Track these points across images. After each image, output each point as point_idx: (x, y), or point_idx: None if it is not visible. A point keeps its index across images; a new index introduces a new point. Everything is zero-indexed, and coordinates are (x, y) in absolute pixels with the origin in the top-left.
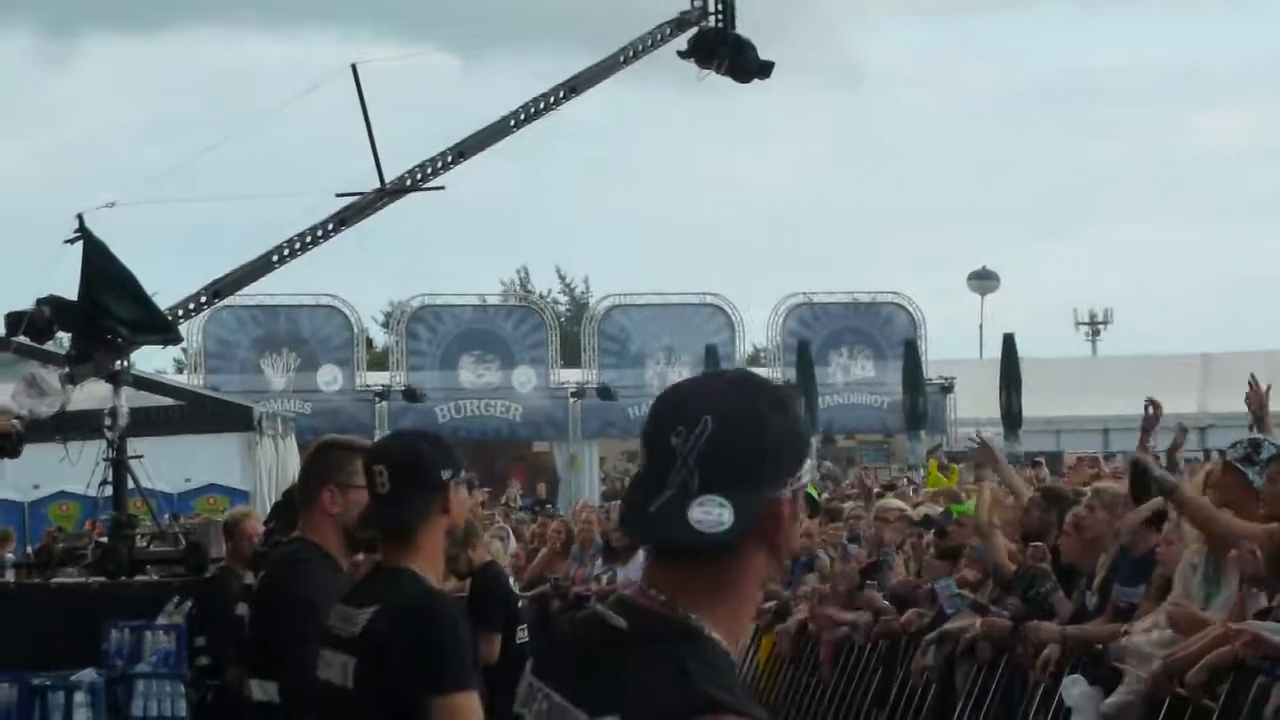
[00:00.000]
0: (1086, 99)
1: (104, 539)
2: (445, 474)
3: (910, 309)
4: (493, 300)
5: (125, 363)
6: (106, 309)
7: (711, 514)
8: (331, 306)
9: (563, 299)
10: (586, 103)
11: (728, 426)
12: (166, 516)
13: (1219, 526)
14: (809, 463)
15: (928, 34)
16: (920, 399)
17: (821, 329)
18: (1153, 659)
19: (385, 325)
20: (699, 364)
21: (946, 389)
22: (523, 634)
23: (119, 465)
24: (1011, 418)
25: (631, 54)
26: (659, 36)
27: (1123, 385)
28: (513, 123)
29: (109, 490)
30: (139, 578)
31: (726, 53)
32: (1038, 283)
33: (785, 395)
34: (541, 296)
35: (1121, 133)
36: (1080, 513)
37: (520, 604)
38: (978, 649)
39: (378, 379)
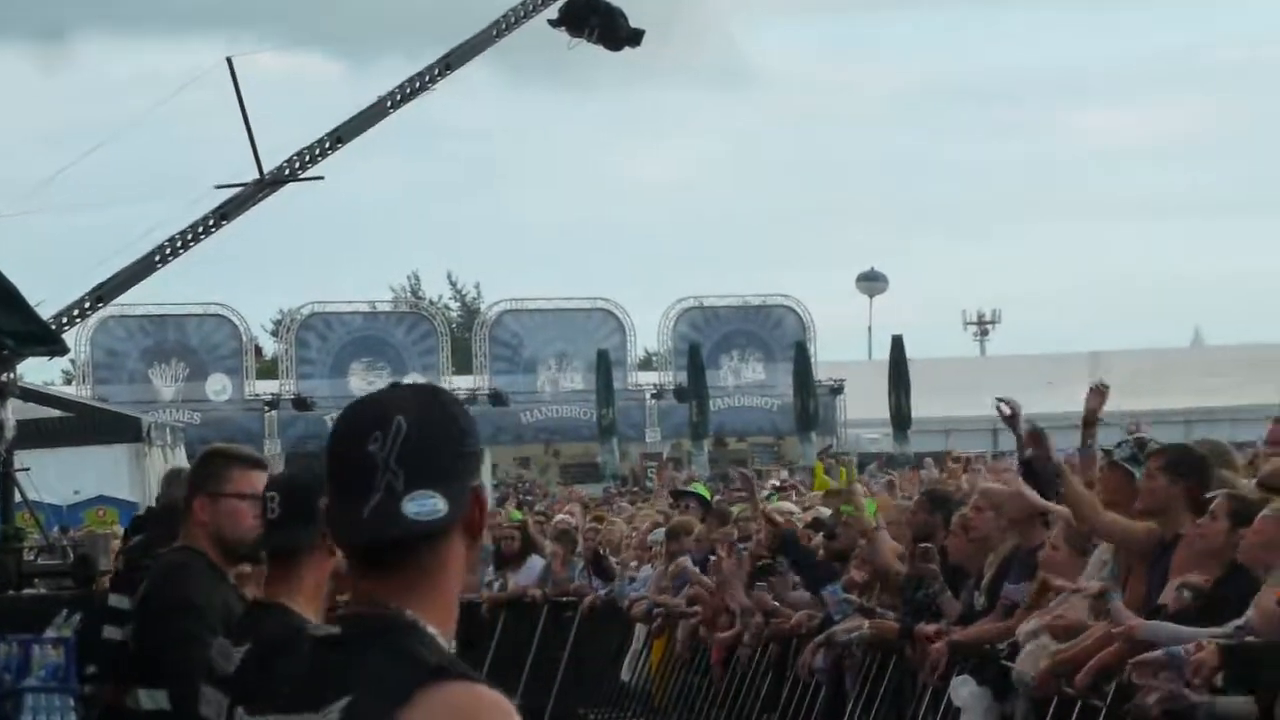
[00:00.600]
0: (973, 100)
1: None
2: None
3: (800, 311)
4: (383, 307)
5: (11, 375)
6: None
7: (426, 505)
8: (220, 315)
9: (454, 305)
10: (476, 105)
11: (421, 425)
12: (55, 529)
13: (1102, 522)
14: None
15: (816, 34)
16: (810, 401)
17: (712, 332)
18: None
19: (275, 334)
20: (590, 369)
21: (836, 391)
22: None
23: (5, 478)
24: (901, 418)
25: (504, 26)
26: (531, 7)
27: (1011, 384)
28: (389, 104)
29: None
30: (27, 591)
31: (597, 21)
32: (927, 284)
33: (456, 397)
34: (432, 303)
35: (1010, 134)
36: (968, 514)
37: None
38: (863, 652)
39: (267, 388)
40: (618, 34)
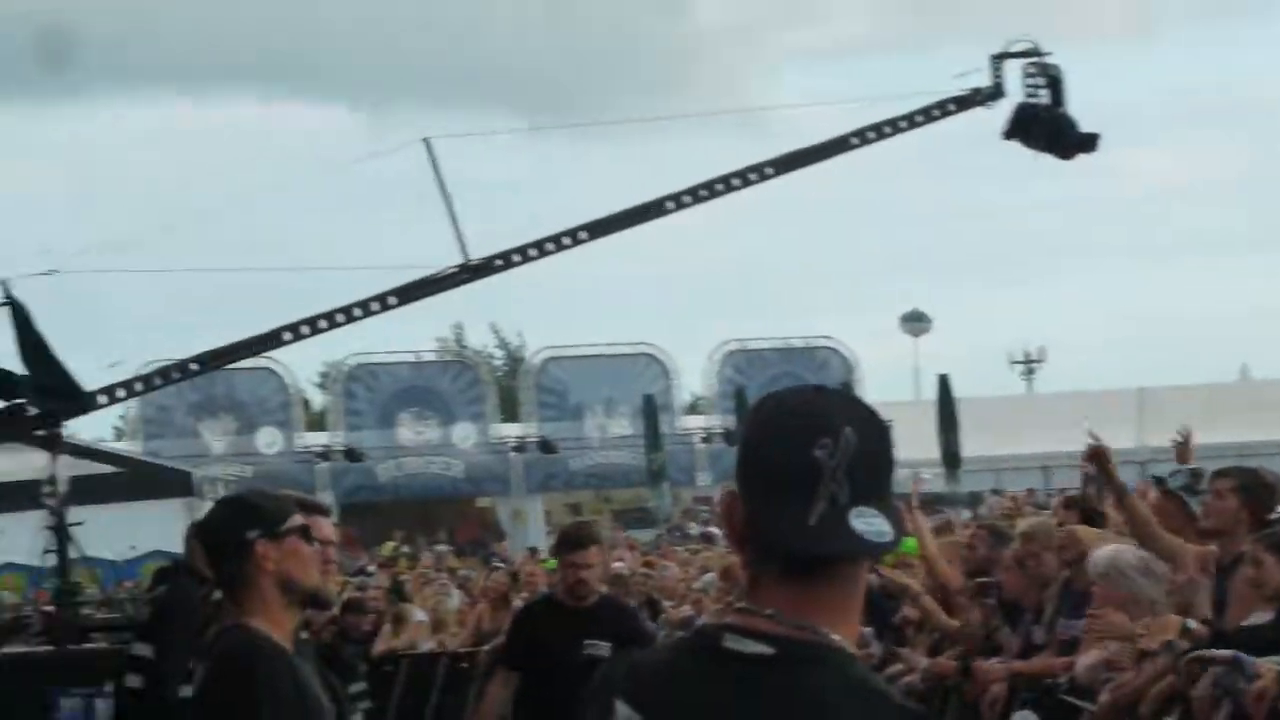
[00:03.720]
0: (1011, 146)
1: (49, 607)
2: (251, 534)
3: (844, 353)
4: (428, 357)
5: (59, 430)
6: (18, 377)
7: (874, 525)
8: (267, 369)
9: (498, 354)
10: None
11: (867, 440)
12: (112, 585)
13: (1159, 543)
14: None
15: (829, 77)
16: None
17: (757, 375)
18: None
19: (321, 386)
20: (638, 414)
21: None
22: None
23: (61, 533)
24: (951, 458)
25: (905, 124)
26: (936, 113)
27: (1060, 421)
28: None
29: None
30: (87, 645)
31: (1043, 130)
32: (969, 323)
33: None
34: (477, 352)
35: (1043, 173)
36: (1021, 549)
37: None
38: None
39: (317, 439)
40: (1067, 142)
